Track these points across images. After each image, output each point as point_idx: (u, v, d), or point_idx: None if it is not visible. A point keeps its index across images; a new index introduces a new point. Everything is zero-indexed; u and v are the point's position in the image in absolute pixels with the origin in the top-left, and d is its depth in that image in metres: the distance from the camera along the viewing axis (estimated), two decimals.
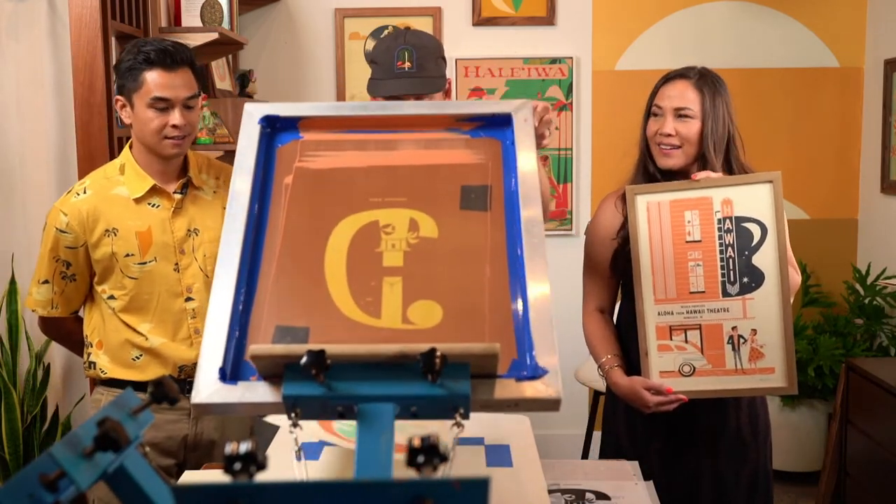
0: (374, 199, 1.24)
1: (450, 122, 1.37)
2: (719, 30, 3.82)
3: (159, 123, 1.91)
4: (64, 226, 1.95)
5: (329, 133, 1.35)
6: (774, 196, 1.80)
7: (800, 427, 3.64)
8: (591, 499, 1.59)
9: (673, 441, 1.96)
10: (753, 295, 1.80)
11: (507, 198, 1.24)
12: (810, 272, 3.85)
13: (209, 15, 2.99)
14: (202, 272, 2.02)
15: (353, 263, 1.16)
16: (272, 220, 1.22)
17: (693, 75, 1.95)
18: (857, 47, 3.84)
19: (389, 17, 3.78)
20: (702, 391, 1.83)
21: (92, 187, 1.99)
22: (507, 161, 1.30)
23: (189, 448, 2.06)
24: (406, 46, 1.87)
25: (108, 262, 1.96)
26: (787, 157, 3.87)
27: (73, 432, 0.82)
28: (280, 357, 0.97)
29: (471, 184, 1.26)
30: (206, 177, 2.08)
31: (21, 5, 2.47)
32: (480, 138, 1.34)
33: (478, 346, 0.97)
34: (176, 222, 1.99)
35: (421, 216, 1.22)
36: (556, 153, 3.85)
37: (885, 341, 3.58)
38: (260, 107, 1.35)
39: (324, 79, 3.83)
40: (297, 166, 1.30)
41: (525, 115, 1.34)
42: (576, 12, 3.81)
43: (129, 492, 0.86)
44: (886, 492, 2.83)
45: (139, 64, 1.90)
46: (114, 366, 2.01)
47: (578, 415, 3.81)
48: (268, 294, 1.14)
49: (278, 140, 1.35)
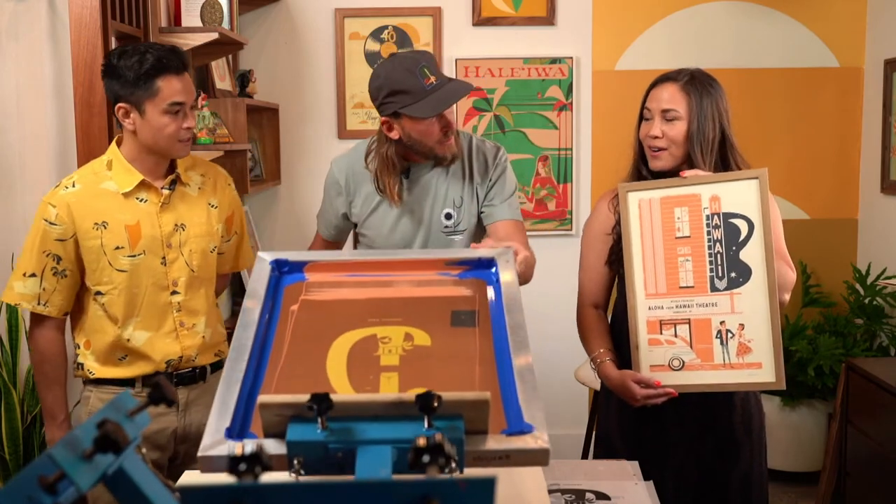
0: (372, 319, 1.38)
1: (440, 266, 1.55)
2: (719, 30, 3.82)
3: (175, 128, 1.94)
4: (53, 217, 1.95)
5: (332, 275, 1.54)
6: (761, 192, 1.82)
7: (800, 427, 3.64)
8: (591, 499, 1.60)
9: (665, 440, 1.97)
10: (741, 290, 1.82)
11: (494, 317, 1.39)
12: (810, 272, 3.85)
13: (209, 15, 2.99)
14: (188, 266, 2.05)
15: (353, 362, 1.28)
16: (279, 332, 1.36)
17: (682, 78, 1.95)
18: (857, 47, 3.84)
19: (389, 18, 3.78)
20: (691, 385, 1.84)
21: (80, 181, 1.99)
22: (491, 289, 1.47)
23: (179, 440, 2.09)
24: (423, 63, 1.95)
25: (96, 254, 1.97)
26: (787, 157, 3.87)
27: (73, 434, 0.82)
28: (286, 405, 1.03)
29: (460, 309, 1.42)
30: (192, 173, 2.11)
31: (21, 5, 2.47)
32: (468, 279, 1.53)
33: (470, 394, 1.04)
34: (163, 217, 2.02)
35: (415, 330, 1.35)
36: (555, 153, 3.85)
37: (885, 341, 3.58)
38: (271, 253, 1.57)
39: (324, 79, 3.83)
40: (303, 299, 1.46)
41: (507, 257, 1.54)
42: (576, 12, 3.81)
43: (128, 493, 0.85)
44: (887, 492, 2.83)
45: (152, 70, 1.90)
46: (100, 366, 2.04)
47: (578, 415, 3.81)
48: (274, 379, 1.25)
49: (286, 280, 1.53)
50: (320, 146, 3.83)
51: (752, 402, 2.01)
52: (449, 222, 2.14)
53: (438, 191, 2.13)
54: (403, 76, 1.94)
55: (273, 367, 1.28)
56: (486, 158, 2.16)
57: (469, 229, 2.17)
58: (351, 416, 1.02)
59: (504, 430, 1.11)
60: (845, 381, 3.12)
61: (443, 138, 2.02)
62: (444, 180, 2.13)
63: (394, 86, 1.96)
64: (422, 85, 1.93)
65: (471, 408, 1.03)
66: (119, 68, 1.92)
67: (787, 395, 3.61)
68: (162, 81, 1.91)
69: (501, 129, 3.83)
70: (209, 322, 2.12)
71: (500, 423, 1.13)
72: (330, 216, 2.27)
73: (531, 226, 3.86)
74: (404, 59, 1.97)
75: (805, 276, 3.83)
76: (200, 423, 2.09)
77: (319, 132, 3.86)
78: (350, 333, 1.35)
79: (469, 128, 3.82)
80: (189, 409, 2.10)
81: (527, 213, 3.86)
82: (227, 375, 1.21)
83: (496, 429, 1.11)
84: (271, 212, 3.91)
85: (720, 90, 1.96)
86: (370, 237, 2.21)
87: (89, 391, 2.08)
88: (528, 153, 3.85)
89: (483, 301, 1.45)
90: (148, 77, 1.90)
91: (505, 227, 2.14)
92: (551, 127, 3.84)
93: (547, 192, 3.87)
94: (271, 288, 1.47)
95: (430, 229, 2.14)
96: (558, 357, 3.63)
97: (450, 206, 2.13)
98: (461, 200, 2.14)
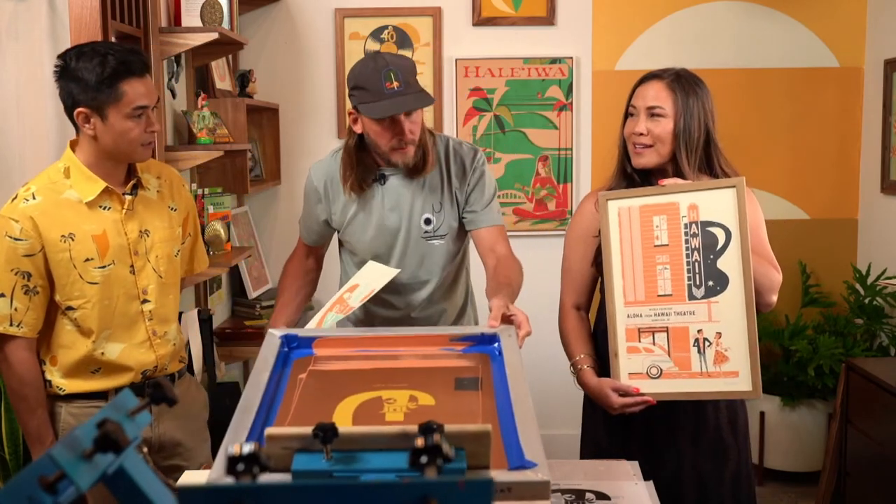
0: (378, 385, 1.44)
1: (444, 342, 1.65)
2: (719, 30, 3.82)
3: (139, 132, 1.88)
4: (17, 233, 1.85)
5: (339, 349, 1.62)
6: (738, 201, 1.80)
7: (800, 427, 3.64)
8: (591, 499, 1.60)
9: (652, 441, 1.98)
10: (718, 298, 1.81)
11: (497, 382, 1.45)
12: (810, 272, 3.85)
13: (209, 15, 2.99)
14: (155, 273, 2.01)
15: (358, 419, 1.33)
16: (287, 395, 1.42)
17: (668, 76, 1.95)
18: (857, 47, 3.84)
19: (389, 18, 3.78)
20: (669, 393, 1.85)
21: (40, 192, 1.89)
22: (494, 362, 1.55)
23: (153, 450, 2.05)
24: (391, 68, 1.96)
25: (66, 268, 1.89)
26: (787, 158, 3.86)
27: (73, 433, 0.82)
28: (293, 437, 1.06)
29: (463, 376, 1.49)
30: (148, 176, 2.05)
31: (21, 5, 2.47)
32: (471, 353, 1.61)
33: (472, 426, 1.06)
34: (128, 224, 1.96)
35: (419, 393, 1.40)
36: (555, 153, 3.85)
37: (885, 341, 3.58)
38: (281, 329, 1.67)
39: (324, 79, 3.83)
40: (311, 369, 1.54)
41: (510, 331, 1.64)
42: (576, 12, 3.81)
43: (128, 493, 0.86)
44: (887, 492, 2.83)
45: (115, 74, 1.82)
46: (70, 380, 1.97)
47: (578, 415, 3.81)
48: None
49: (295, 355, 1.60)
50: (320, 146, 3.83)
51: (738, 402, 2.02)
52: (428, 227, 2.14)
53: (416, 196, 2.13)
54: (368, 74, 1.96)
55: (280, 421, 1.32)
56: (464, 162, 2.15)
57: (450, 234, 2.16)
58: (356, 448, 1.04)
59: (507, 466, 1.15)
60: (845, 381, 3.12)
61: (396, 145, 2.02)
62: (421, 186, 2.13)
63: (357, 80, 1.99)
64: (381, 87, 1.94)
65: (472, 440, 1.04)
66: (78, 70, 1.82)
67: (787, 395, 3.61)
68: (126, 85, 1.83)
69: (501, 129, 3.83)
70: (177, 328, 2.10)
71: (502, 464, 1.16)
72: (311, 222, 2.26)
73: (531, 226, 3.86)
74: (377, 59, 1.99)
75: (805, 276, 3.83)
76: (174, 433, 2.08)
77: (319, 132, 3.86)
78: (356, 396, 1.40)
79: (469, 128, 3.82)
80: (161, 419, 2.06)
81: (526, 213, 3.86)
82: (236, 425, 1.24)
83: (499, 467, 1.14)
84: (271, 212, 3.91)
85: (706, 90, 1.96)
86: (351, 244, 2.21)
87: (59, 407, 2.00)
88: (527, 153, 3.85)
89: (486, 371, 1.51)
90: (111, 81, 1.82)
91: (488, 235, 2.15)
92: (551, 127, 3.84)
93: (547, 192, 3.87)
94: (280, 360, 1.54)
95: (409, 234, 2.14)
96: (556, 356, 3.61)
97: (428, 210, 2.13)
98: (440, 206, 2.14)
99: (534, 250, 3.11)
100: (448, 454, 0.80)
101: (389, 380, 1.47)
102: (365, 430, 1.06)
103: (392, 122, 1.99)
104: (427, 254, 2.16)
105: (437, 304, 2.22)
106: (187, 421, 2.13)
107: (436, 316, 2.23)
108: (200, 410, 2.23)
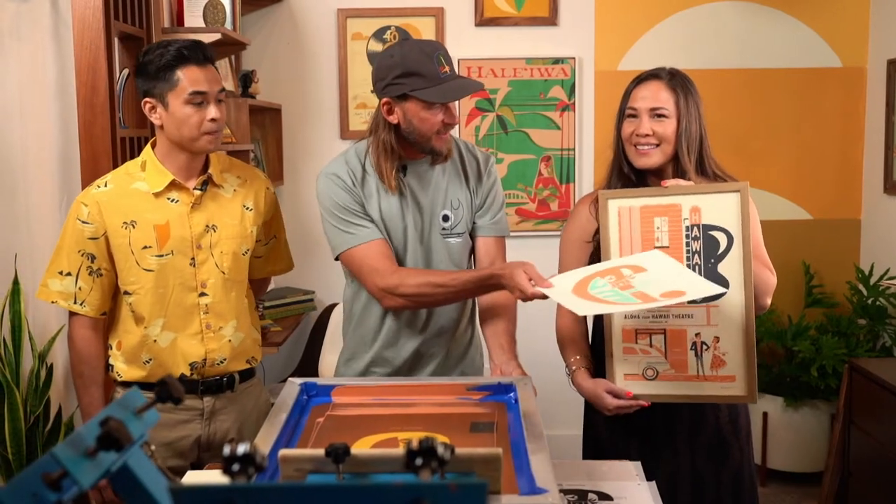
0: (394, 428, 1.49)
1: (461, 391, 1.68)
2: (722, 30, 3.81)
3: (198, 119, 1.93)
4: (85, 216, 1.97)
5: (357, 398, 1.68)
6: (741, 205, 1.79)
7: (803, 427, 3.63)
8: (594, 499, 1.59)
9: (653, 440, 1.97)
10: (718, 303, 1.80)
11: (512, 426, 1.48)
12: (813, 272, 3.85)
13: (212, 15, 2.99)
14: (218, 268, 2.03)
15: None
16: (304, 435, 1.47)
17: (664, 75, 1.96)
18: (860, 47, 3.84)
19: (392, 18, 3.78)
20: (664, 395, 1.84)
21: (113, 181, 2.01)
22: (511, 410, 1.58)
23: (203, 448, 2.07)
24: (440, 52, 1.92)
25: (124, 253, 1.97)
26: (789, 158, 3.86)
27: (76, 432, 0.82)
28: (306, 459, 1.08)
29: (479, 420, 1.52)
30: (228, 175, 2.09)
31: (24, 6, 2.47)
32: (488, 402, 1.64)
33: (482, 450, 1.07)
34: (194, 217, 2.01)
35: (435, 435, 1.47)
36: (558, 153, 3.85)
37: (888, 342, 3.58)
38: (301, 378, 1.72)
39: (326, 79, 3.83)
40: (329, 414, 1.59)
41: (525, 381, 1.68)
42: (578, 12, 3.81)
43: (132, 491, 0.86)
44: (889, 492, 2.83)
45: (171, 62, 1.90)
46: (128, 367, 2.04)
47: (578, 415, 3.81)
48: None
49: (313, 402, 1.66)
50: (323, 146, 3.83)
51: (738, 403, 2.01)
52: (446, 224, 2.09)
53: (438, 187, 2.06)
54: (421, 58, 1.89)
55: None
56: (479, 163, 2.11)
57: (465, 234, 2.09)
58: (368, 470, 1.05)
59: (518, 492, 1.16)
60: (848, 382, 3.12)
61: (442, 130, 1.97)
62: (444, 178, 2.07)
63: (409, 67, 1.89)
64: (437, 71, 1.89)
65: (483, 463, 1.05)
66: (144, 64, 1.93)
67: (789, 396, 3.61)
68: (182, 72, 1.90)
69: (504, 129, 3.83)
70: (240, 326, 2.07)
71: (514, 491, 1.18)
72: (365, 221, 2.02)
73: (533, 226, 3.86)
74: (423, 43, 1.93)
75: (808, 277, 3.82)
76: (226, 432, 2.07)
77: (322, 132, 3.86)
78: (372, 436, 1.43)
79: (472, 128, 3.82)
80: (214, 418, 2.07)
81: (529, 213, 3.86)
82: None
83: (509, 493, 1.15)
84: None
85: (697, 90, 1.97)
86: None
87: (117, 392, 2.08)
88: (530, 153, 3.85)
89: (502, 417, 1.53)
90: (168, 68, 1.90)
91: (494, 245, 2.10)
92: (554, 127, 3.84)
93: (549, 192, 3.87)
94: (298, 405, 1.60)
95: (431, 227, 2.05)
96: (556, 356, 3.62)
97: (448, 207, 2.09)
98: (458, 202, 2.08)
99: (536, 250, 3.10)
100: (443, 457, 0.80)
101: (406, 423, 1.49)
102: (377, 453, 1.07)
103: (444, 106, 1.94)
104: (447, 251, 2.07)
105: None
106: (242, 422, 2.12)
107: (448, 312, 2.16)
108: (258, 413, 2.20)
